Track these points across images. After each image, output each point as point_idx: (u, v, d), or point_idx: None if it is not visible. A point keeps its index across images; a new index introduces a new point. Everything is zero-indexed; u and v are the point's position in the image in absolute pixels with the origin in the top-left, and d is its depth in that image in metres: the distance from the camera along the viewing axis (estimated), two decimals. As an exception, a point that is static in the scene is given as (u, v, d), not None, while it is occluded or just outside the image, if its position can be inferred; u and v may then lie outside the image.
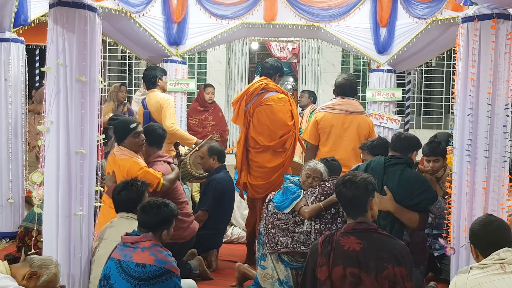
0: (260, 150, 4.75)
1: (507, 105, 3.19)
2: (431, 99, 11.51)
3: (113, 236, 3.24)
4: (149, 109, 5.17)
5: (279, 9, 5.73)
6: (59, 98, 3.25)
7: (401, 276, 2.45)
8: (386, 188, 3.28)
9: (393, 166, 3.37)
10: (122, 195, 3.39)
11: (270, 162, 4.71)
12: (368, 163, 3.46)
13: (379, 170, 3.36)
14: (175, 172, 4.18)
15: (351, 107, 4.55)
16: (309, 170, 3.78)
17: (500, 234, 2.40)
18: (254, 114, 4.74)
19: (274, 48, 10.61)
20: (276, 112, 4.68)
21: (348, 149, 4.46)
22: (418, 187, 3.30)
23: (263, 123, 4.71)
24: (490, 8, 3.17)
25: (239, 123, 4.89)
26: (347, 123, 4.50)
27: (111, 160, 4.06)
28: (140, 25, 5.39)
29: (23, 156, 5.20)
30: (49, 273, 2.66)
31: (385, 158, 3.43)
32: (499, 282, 2.23)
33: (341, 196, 2.65)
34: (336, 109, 4.55)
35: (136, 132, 4.00)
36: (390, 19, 5.65)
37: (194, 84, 6.42)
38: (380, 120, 5.90)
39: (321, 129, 4.53)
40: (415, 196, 3.28)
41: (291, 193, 3.78)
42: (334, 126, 4.49)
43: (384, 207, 3.23)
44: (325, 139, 4.51)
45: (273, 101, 4.71)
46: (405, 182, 3.30)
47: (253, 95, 4.76)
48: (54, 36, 3.25)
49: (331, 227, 3.43)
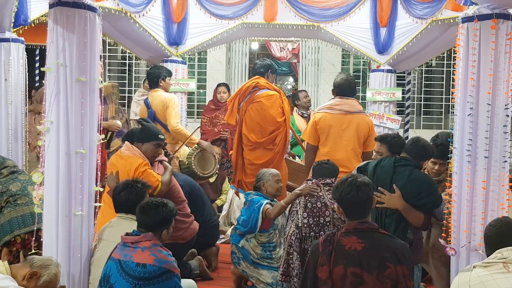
0: (252, 147, 4.88)
1: (507, 105, 3.19)
2: (431, 99, 11.50)
3: (112, 237, 3.24)
4: (153, 109, 5.18)
5: (279, 9, 5.73)
6: (59, 98, 3.25)
7: (403, 275, 2.46)
8: (395, 186, 3.28)
9: (402, 166, 3.38)
10: (122, 195, 3.39)
11: (259, 158, 4.84)
12: (378, 162, 3.45)
13: (389, 169, 3.37)
14: (169, 173, 4.12)
15: (350, 107, 4.55)
16: (276, 176, 4.23)
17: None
18: (246, 111, 4.90)
19: (274, 48, 10.59)
20: (266, 109, 4.79)
21: (348, 149, 4.46)
22: (426, 189, 3.31)
23: (254, 120, 4.85)
24: (490, 8, 3.17)
25: (231, 121, 5.04)
26: (346, 123, 4.49)
27: (114, 159, 4.07)
28: (140, 25, 5.39)
29: (23, 156, 5.19)
30: (49, 274, 2.66)
31: (395, 159, 3.44)
32: (502, 281, 2.23)
33: (347, 200, 2.60)
34: (335, 109, 4.54)
35: (160, 144, 4.10)
36: (390, 19, 5.65)
37: (194, 84, 6.43)
38: (380, 120, 5.90)
39: (320, 130, 4.53)
40: (423, 197, 3.28)
41: (255, 203, 4.02)
42: (332, 127, 4.48)
43: (393, 204, 3.24)
44: (324, 139, 4.51)
45: (263, 97, 4.83)
46: (414, 182, 3.30)
47: (246, 94, 4.90)
48: (54, 36, 3.25)
49: (318, 220, 3.59)
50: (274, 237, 4.16)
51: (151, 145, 4.05)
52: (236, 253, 4.13)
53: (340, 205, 2.66)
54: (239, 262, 4.12)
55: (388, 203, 3.25)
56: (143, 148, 4.03)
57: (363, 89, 10.43)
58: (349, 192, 2.60)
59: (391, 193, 3.27)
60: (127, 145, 4.05)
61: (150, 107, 5.21)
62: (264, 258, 4.09)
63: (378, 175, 3.35)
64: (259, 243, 4.10)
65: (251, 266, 4.05)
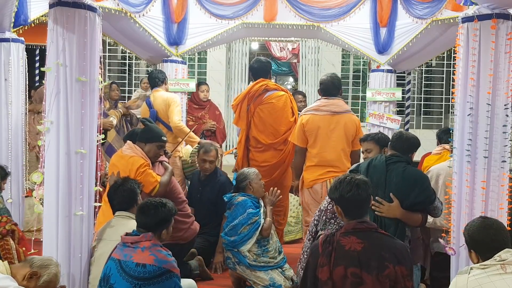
0: (262, 149, 4.89)
1: (506, 105, 3.19)
2: (431, 99, 11.51)
3: (111, 236, 3.25)
4: (155, 108, 5.19)
5: (279, 9, 5.72)
6: (59, 98, 3.26)
7: (402, 275, 2.45)
8: (392, 196, 3.26)
9: (394, 164, 3.37)
10: (117, 195, 3.41)
11: (271, 159, 4.85)
12: (370, 162, 3.46)
13: (381, 168, 3.36)
14: (168, 173, 4.11)
15: (336, 107, 4.50)
16: (259, 175, 4.25)
17: (500, 237, 2.40)
18: (254, 113, 4.89)
19: (274, 48, 10.60)
20: (278, 109, 4.86)
21: (337, 150, 4.42)
22: (421, 184, 3.30)
23: (265, 121, 4.87)
24: (490, 8, 3.17)
25: (241, 125, 5.00)
26: (333, 124, 4.44)
27: (115, 159, 4.07)
28: (140, 25, 5.39)
29: (23, 156, 5.20)
30: (49, 273, 2.66)
31: (386, 157, 3.44)
32: (500, 282, 2.23)
33: (347, 198, 2.60)
34: (322, 110, 4.49)
35: (162, 145, 4.11)
36: (390, 19, 5.65)
37: (194, 84, 6.43)
38: (380, 120, 5.90)
39: (308, 132, 4.48)
40: (421, 192, 3.27)
41: (242, 209, 4.08)
42: (321, 128, 4.43)
43: (393, 214, 3.23)
44: (313, 141, 4.46)
45: (274, 98, 4.88)
46: (409, 178, 3.30)
47: (254, 96, 4.90)
48: (54, 36, 3.26)
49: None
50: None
51: (154, 146, 4.05)
52: (231, 258, 4.09)
53: (338, 205, 2.65)
54: (234, 267, 4.09)
55: (387, 213, 3.24)
56: (146, 148, 4.03)
57: (363, 89, 10.44)
58: (349, 190, 2.59)
59: (389, 204, 3.25)
60: (129, 145, 4.06)
61: (152, 106, 5.23)
62: (261, 258, 4.06)
63: (372, 175, 3.32)
64: (255, 241, 4.08)
65: (247, 270, 4.02)
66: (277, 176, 4.81)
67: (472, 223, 2.52)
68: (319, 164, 4.40)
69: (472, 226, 2.49)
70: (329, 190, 2.74)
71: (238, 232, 4.02)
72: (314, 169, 4.42)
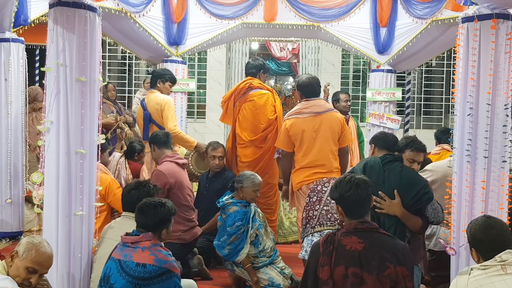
0: (244, 146, 5.09)
1: (506, 105, 3.19)
2: (431, 99, 11.51)
3: (115, 236, 3.25)
4: (149, 110, 5.17)
5: (279, 9, 5.73)
6: (59, 98, 3.26)
7: (402, 275, 2.46)
8: (396, 193, 3.26)
9: (390, 163, 3.38)
10: (132, 194, 3.41)
11: (249, 156, 5.05)
12: (365, 163, 3.46)
13: (378, 169, 3.37)
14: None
15: (318, 107, 4.45)
16: (256, 186, 4.16)
17: (503, 237, 2.39)
18: (240, 111, 5.10)
19: (274, 48, 10.58)
20: (259, 107, 5.04)
21: (324, 150, 4.36)
22: (420, 185, 3.31)
23: (247, 118, 5.06)
24: (490, 8, 3.17)
25: (227, 121, 5.29)
26: (317, 125, 4.39)
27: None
28: (140, 25, 5.39)
29: (23, 156, 5.20)
30: (23, 245, 2.64)
31: (381, 157, 3.44)
32: (500, 283, 2.23)
33: (347, 198, 2.60)
34: (304, 113, 4.43)
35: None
36: (390, 19, 5.65)
37: (194, 84, 6.43)
38: (380, 120, 5.90)
39: (293, 136, 4.42)
40: (421, 194, 3.28)
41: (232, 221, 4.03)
42: (305, 131, 4.38)
43: (393, 211, 3.23)
44: (299, 144, 4.40)
45: (256, 96, 5.07)
46: (407, 180, 3.31)
47: (240, 94, 5.11)
48: (54, 36, 3.26)
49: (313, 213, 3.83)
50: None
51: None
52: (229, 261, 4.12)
53: (339, 205, 2.65)
54: (233, 269, 4.09)
55: (387, 209, 3.24)
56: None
57: (363, 89, 10.44)
58: (349, 189, 2.60)
59: (391, 200, 3.26)
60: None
61: (146, 108, 5.19)
62: (258, 258, 4.06)
63: (369, 176, 3.30)
64: (250, 243, 4.07)
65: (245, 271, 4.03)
66: (258, 172, 4.74)
67: (476, 221, 2.52)
68: (306, 166, 4.36)
69: (475, 225, 2.49)
70: (329, 190, 2.74)
71: (228, 242, 4.01)
72: (301, 172, 4.38)
